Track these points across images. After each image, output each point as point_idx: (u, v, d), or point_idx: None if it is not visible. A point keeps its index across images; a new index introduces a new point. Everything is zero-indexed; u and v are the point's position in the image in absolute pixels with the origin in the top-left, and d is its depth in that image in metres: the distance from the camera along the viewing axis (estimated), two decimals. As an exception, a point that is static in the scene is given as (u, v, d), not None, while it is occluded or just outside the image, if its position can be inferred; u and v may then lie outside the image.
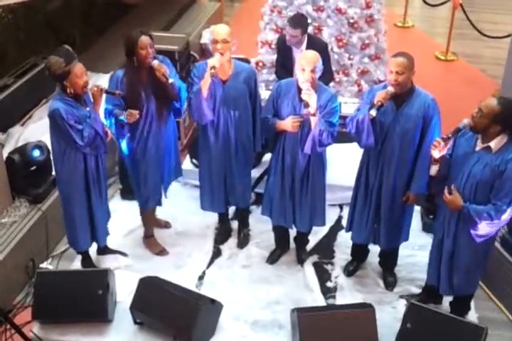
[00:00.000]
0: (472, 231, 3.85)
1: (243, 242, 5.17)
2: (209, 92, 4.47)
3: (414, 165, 4.21)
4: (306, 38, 5.35)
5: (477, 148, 3.79)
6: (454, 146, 3.91)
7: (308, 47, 5.18)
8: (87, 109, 4.28)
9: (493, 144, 3.72)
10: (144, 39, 4.35)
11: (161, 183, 4.85)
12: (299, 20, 5.34)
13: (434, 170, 3.92)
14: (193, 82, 4.52)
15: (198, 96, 4.44)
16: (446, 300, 4.46)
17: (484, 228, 3.79)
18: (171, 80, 4.40)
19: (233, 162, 4.73)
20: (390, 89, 4.04)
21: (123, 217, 5.19)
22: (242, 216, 5.21)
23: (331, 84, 5.94)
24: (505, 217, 3.75)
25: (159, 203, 4.95)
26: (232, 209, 5.26)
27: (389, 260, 4.76)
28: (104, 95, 4.30)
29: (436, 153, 3.82)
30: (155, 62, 4.38)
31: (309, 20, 6.20)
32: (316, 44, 5.23)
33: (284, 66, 5.45)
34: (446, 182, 3.94)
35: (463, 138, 3.87)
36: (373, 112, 4.01)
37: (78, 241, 4.65)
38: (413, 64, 4.07)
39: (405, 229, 4.53)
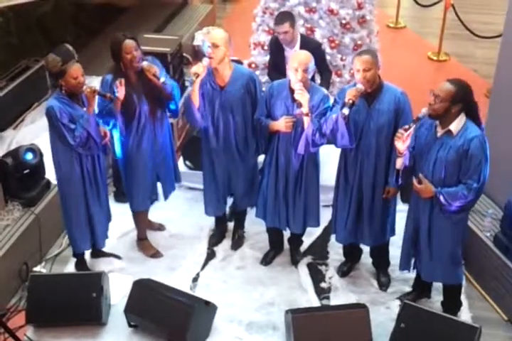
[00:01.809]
0: (447, 214, 3.93)
1: (237, 244, 5.16)
2: (206, 98, 4.48)
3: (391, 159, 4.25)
4: (299, 38, 5.36)
5: (438, 134, 3.87)
6: (415, 138, 3.96)
7: (302, 48, 5.18)
8: (84, 109, 4.28)
9: (453, 127, 3.81)
10: (128, 43, 4.32)
11: (154, 186, 4.83)
12: (282, 16, 5.37)
13: (399, 163, 3.97)
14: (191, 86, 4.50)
15: (189, 102, 4.45)
16: (439, 299, 4.48)
17: (457, 205, 3.88)
18: (162, 79, 4.40)
19: (236, 164, 4.73)
20: (360, 86, 4.07)
21: (116, 219, 5.16)
22: (239, 217, 5.19)
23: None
24: (476, 193, 3.84)
25: (152, 202, 4.94)
26: (227, 211, 5.25)
27: (381, 260, 4.76)
28: (97, 97, 4.29)
29: (400, 145, 3.85)
30: (144, 63, 4.38)
31: (301, 22, 6.23)
32: (309, 44, 5.24)
33: (277, 68, 5.46)
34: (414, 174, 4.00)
35: (422, 128, 3.95)
36: (346, 111, 4.03)
37: (76, 241, 4.65)
38: (377, 59, 4.15)
39: (390, 224, 4.53)
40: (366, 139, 4.23)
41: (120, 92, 4.30)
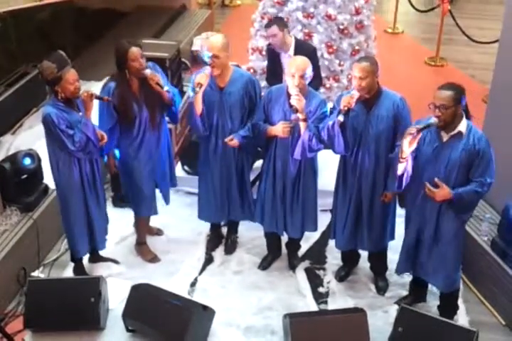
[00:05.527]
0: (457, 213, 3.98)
1: (231, 248, 5.16)
2: (206, 100, 4.46)
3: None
4: (294, 43, 5.37)
5: (444, 139, 3.90)
6: (417, 147, 3.92)
7: (296, 53, 5.21)
8: (80, 114, 4.28)
9: (462, 129, 3.85)
10: (135, 50, 4.32)
11: (154, 191, 4.84)
12: (271, 19, 5.41)
13: (400, 168, 3.93)
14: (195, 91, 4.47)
15: (192, 110, 4.46)
16: (435, 303, 4.49)
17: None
18: (165, 88, 4.41)
19: (231, 172, 4.72)
20: (355, 93, 4.07)
21: (114, 224, 5.16)
22: (233, 222, 5.19)
23: (322, 90, 5.99)
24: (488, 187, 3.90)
25: (155, 211, 4.93)
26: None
27: (379, 264, 4.77)
28: (94, 100, 4.29)
29: (406, 146, 3.79)
30: (147, 72, 4.37)
31: (299, 27, 6.26)
32: (303, 49, 5.25)
33: (274, 74, 5.47)
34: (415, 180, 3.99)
35: (421, 137, 3.90)
36: (341, 117, 4.04)
37: (77, 247, 4.65)
38: (377, 67, 4.12)
39: (389, 229, 4.54)
40: (365, 145, 4.23)
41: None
